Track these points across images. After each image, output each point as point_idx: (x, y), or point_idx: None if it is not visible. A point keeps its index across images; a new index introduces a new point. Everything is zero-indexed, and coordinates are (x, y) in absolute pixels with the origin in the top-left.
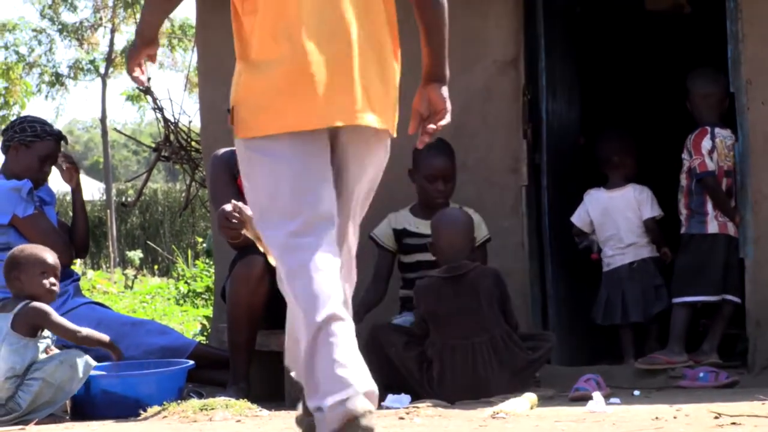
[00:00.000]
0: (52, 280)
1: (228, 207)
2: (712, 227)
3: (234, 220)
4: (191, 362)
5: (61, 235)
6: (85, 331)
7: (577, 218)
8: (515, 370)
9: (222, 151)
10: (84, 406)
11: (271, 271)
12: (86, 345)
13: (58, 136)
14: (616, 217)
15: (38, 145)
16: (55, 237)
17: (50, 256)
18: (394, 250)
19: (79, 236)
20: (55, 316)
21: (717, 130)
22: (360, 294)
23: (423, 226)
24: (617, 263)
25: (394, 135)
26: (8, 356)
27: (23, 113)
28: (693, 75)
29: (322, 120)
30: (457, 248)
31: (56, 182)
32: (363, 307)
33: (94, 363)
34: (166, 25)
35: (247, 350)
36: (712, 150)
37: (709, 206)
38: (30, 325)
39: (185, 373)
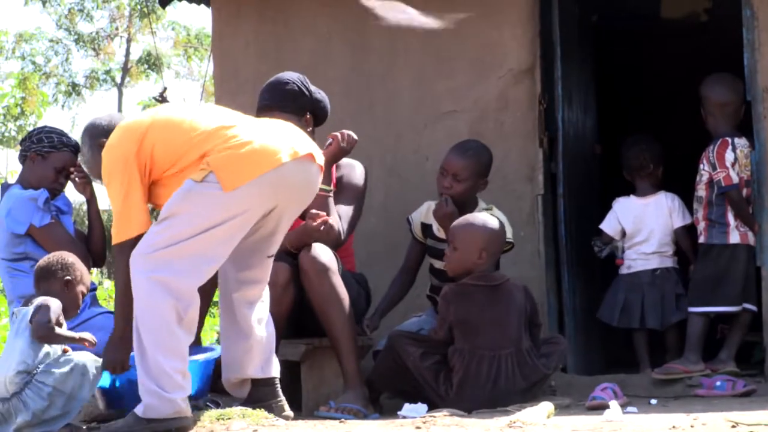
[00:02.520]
0: (81, 288)
1: (316, 221)
2: (734, 237)
3: (323, 227)
4: (217, 350)
5: (78, 244)
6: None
7: (608, 226)
8: (533, 383)
9: None
10: (112, 398)
11: (296, 280)
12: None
13: (75, 148)
14: (649, 224)
15: (55, 156)
16: (72, 246)
17: (72, 259)
18: (424, 240)
19: (96, 245)
20: (57, 332)
21: (736, 140)
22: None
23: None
24: (639, 267)
25: None
26: (23, 349)
27: (40, 123)
28: (710, 82)
29: None
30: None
31: (73, 192)
32: (381, 309)
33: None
34: (182, 34)
35: None
36: (735, 162)
37: (730, 217)
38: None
39: (213, 362)
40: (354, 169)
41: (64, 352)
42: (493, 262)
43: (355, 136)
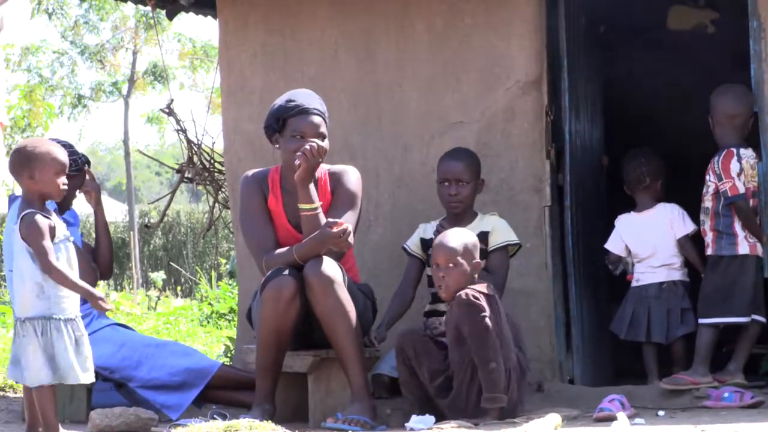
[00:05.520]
0: (64, 179)
1: (335, 230)
2: (743, 248)
3: (342, 235)
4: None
5: (86, 256)
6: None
7: (612, 245)
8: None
9: (252, 172)
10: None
11: (302, 292)
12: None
13: (89, 163)
14: (651, 238)
15: (79, 177)
16: (80, 259)
17: (62, 154)
18: (423, 258)
19: (103, 257)
20: (42, 243)
21: (742, 151)
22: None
23: None
24: (647, 281)
25: None
26: (29, 268)
27: (46, 135)
28: (720, 92)
29: None
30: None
31: (79, 204)
32: (386, 322)
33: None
34: (188, 46)
35: (274, 372)
36: (740, 172)
37: (738, 227)
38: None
39: None
40: (347, 175)
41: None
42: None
43: (321, 143)
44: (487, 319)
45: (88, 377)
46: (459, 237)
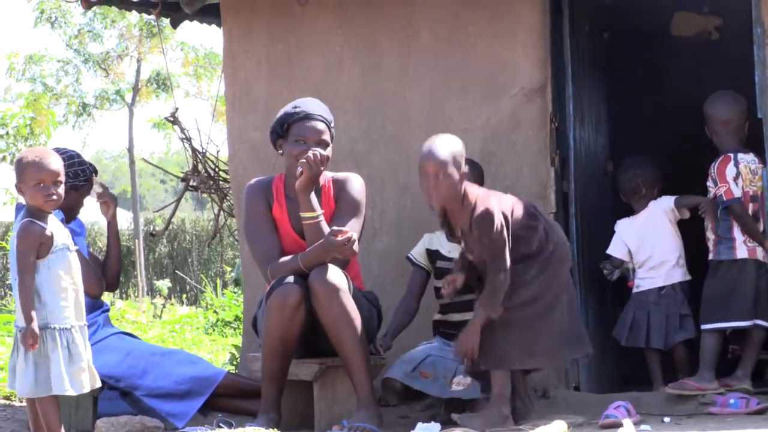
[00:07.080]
0: (52, 189)
1: (339, 238)
2: (741, 252)
3: (347, 243)
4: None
5: (92, 267)
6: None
7: (614, 250)
8: None
9: (256, 180)
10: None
11: (307, 299)
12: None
13: (96, 172)
14: (650, 236)
15: (86, 187)
16: (86, 269)
17: (51, 162)
18: (428, 268)
19: (112, 268)
20: (23, 253)
21: (740, 155)
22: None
23: (455, 250)
24: (647, 286)
25: None
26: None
27: (50, 143)
28: (712, 100)
29: None
30: None
31: (85, 213)
32: (392, 330)
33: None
34: (191, 55)
35: (280, 380)
36: (737, 176)
37: (737, 231)
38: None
39: None
40: (351, 183)
41: None
42: None
43: (323, 152)
44: (503, 231)
45: (76, 389)
46: (448, 146)
